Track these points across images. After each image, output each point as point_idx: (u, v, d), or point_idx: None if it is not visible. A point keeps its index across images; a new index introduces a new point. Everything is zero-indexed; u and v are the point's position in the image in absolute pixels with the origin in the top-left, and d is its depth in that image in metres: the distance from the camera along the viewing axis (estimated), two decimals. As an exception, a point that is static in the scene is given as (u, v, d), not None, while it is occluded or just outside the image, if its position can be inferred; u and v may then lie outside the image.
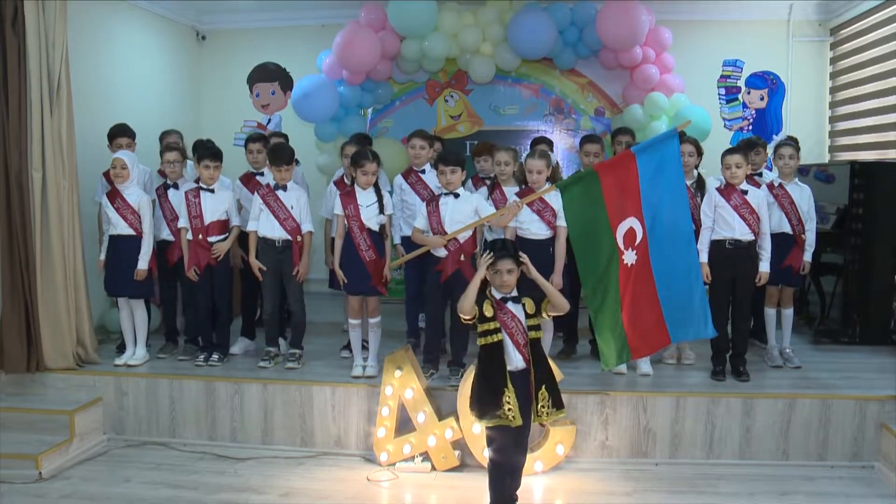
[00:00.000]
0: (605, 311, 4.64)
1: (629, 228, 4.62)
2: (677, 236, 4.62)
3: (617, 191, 4.61)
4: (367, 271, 5.18)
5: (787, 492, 4.45)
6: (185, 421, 5.24)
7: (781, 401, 4.86)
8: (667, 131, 4.78)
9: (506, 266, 3.82)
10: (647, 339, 4.70)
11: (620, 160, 4.72)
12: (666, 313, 4.62)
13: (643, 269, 4.61)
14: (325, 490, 4.49)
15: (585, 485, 4.54)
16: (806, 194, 5.55)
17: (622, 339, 4.65)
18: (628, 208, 4.62)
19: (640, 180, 4.57)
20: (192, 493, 4.45)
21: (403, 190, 5.78)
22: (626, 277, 4.60)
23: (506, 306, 3.84)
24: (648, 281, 4.62)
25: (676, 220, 4.61)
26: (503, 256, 3.82)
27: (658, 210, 4.60)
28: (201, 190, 5.50)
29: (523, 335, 3.83)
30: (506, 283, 3.83)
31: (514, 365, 3.82)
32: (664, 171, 4.58)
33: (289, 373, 5.36)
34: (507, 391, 3.74)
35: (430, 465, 4.76)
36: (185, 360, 5.64)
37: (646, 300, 4.63)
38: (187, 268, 5.48)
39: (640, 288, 4.62)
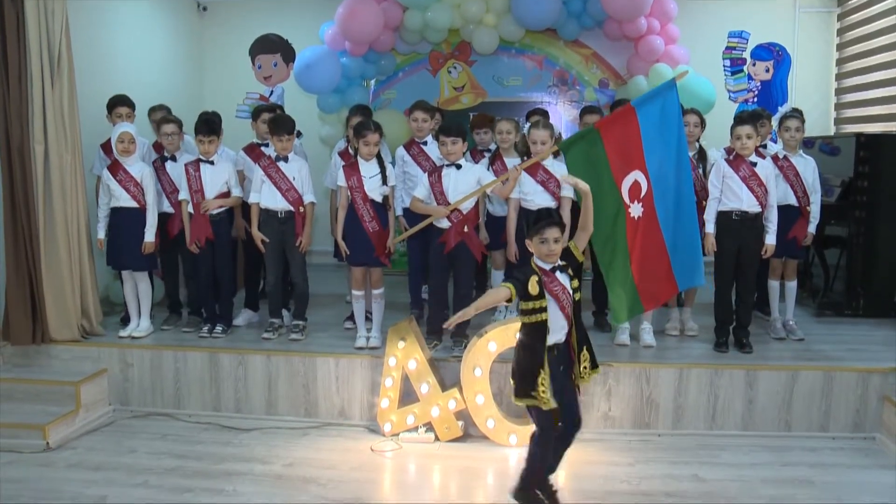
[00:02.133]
0: (615, 267, 4.66)
1: (634, 182, 4.61)
2: (680, 184, 4.63)
3: (619, 146, 4.61)
4: (370, 242, 5.17)
5: (788, 462, 4.47)
6: (189, 392, 5.26)
7: (784, 373, 4.86)
8: (665, 82, 4.74)
9: (553, 234, 3.65)
10: (658, 290, 4.73)
11: (621, 115, 4.72)
12: (673, 262, 4.65)
13: (650, 220, 4.63)
14: (329, 460, 4.52)
15: (588, 455, 4.56)
16: (811, 166, 5.52)
17: (633, 293, 4.67)
18: (632, 162, 4.61)
19: (642, 133, 4.57)
20: (197, 463, 4.48)
21: (405, 161, 5.75)
22: (633, 230, 4.62)
23: (556, 277, 3.70)
24: (655, 232, 4.63)
25: (678, 168, 4.62)
26: (550, 224, 3.65)
27: (661, 161, 4.61)
28: (201, 162, 5.48)
29: (571, 305, 3.72)
30: (553, 252, 3.67)
31: (557, 338, 3.72)
32: (664, 122, 4.59)
33: (292, 344, 5.37)
34: (543, 372, 3.64)
35: (434, 436, 4.79)
36: (189, 331, 5.65)
37: (654, 251, 4.65)
38: (189, 241, 5.48)
39: (648, 239, 4.64)
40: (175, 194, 5.61)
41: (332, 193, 6.09)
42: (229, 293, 5.69)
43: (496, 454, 4.59)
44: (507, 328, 4.60)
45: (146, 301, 5.62)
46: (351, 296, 5.52)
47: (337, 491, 4.12)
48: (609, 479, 4.25)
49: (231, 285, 5.70)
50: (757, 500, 4.00)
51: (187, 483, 4.21)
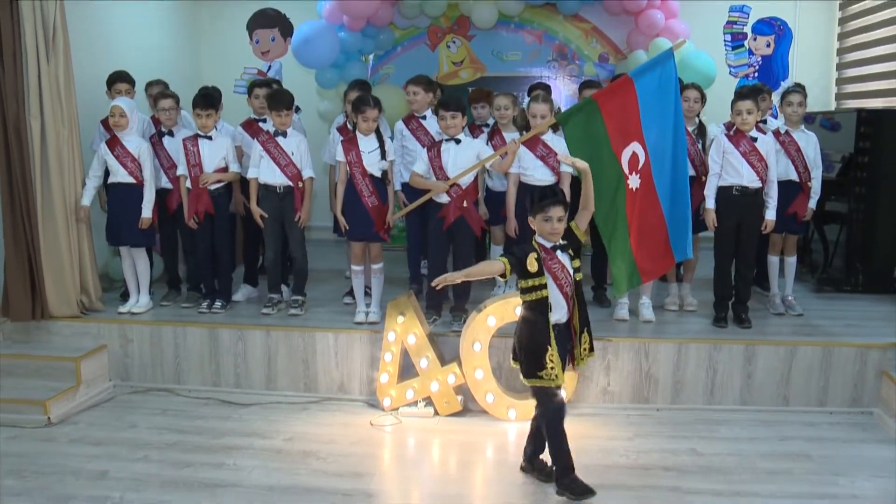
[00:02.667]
0: (616, 238, 4.66)
1: (632, 153, 4.61)
2: (676, 155, 4.62)
3: (618, 117, 4.60)
4: (369, 217, 5.16)
5: (786, 437, 4.49)
6: (189, 367, 5.27)
7: (783, 348, 4.87)
8: (663, 52, 4.72)
9: (557, 213, 3.61)
10: (656, 262, 4.75)
11: (619, 86, 4.70)
12: (671, 233, 4.66)
13: (648, 191, 4.63)
14: (328, 435, 4.54)
15: (587, 429, 4.57)
16: (812, 142, 5.49)
17: (632, 264, 4.68)
18: (630, 133, 4.61)
19: (640, 104, 4.56)
20: (198, 437, 4.50)
21: (404, 136, 5.72)
22: (632, 202, 4.62)
23: (556, 255, 3.68)
24: (654, 203, 4.64)
25: (675, 139, 4.61)
26: (555, 203, 3.61)
27: (658, 132, 4.60)
28: (199, 138, 5.45)
29: (571, 284, 3.70)
30: (556, 230, 3.64)
31: (558, 317, 3.71)
32: (662, 92, 4.57)
33: (292, 319, 5.37)
34: (551, 349, 3.63)
35: (433, 411, 4.80)
36: (188, 307, 5.65)
37: (653, 222, 4.66)
38: (187, 217, 5.46)
39: (646, 211, 4.64)
40: (173, 170, 5.59)
41: (330, 169, 6.07)
42: (228, 268, 5.68)
43: (495, 428, 4.61)
44: (506, 303, 4.60)
45: (145, 277, 5.62)
46: (350, 271, 5.52)
47: (336, 465, 4.14)
48: (608, 453, 4.27)
49: (230, 261, 5.69)
50: (755, 474, 4.02)
51: (188, 457, 4.23)
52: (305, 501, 3.75)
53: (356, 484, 3.92)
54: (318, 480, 3.96)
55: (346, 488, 3.86)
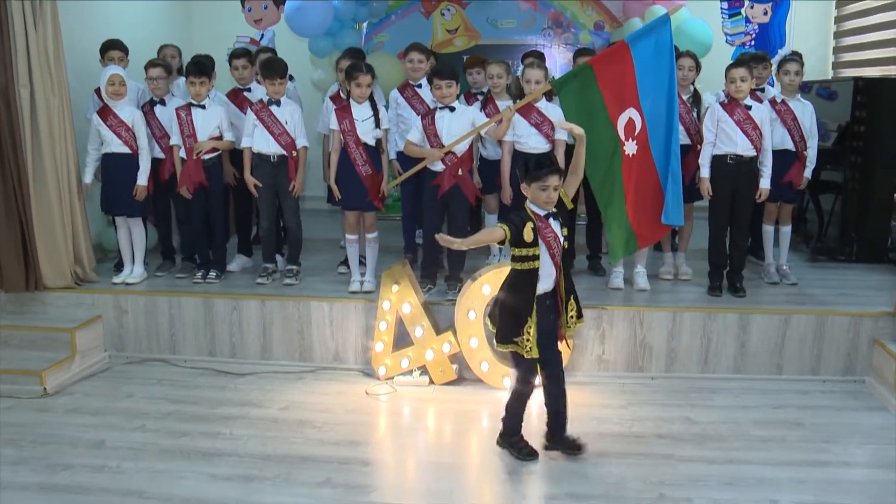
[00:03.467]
0: (612, 205, 4.66)
1: (629, 119, 4.60)
2: (670, 121, 4.61)
3: (614, 83, 4.58)
4: (363, 186, 5.14)
5: (779, 405, 4.52)
6: (184, 338, 5.27)
7: (777, 316, 4.89)
8: (659, 17, 4.69)
9: (554, 182, 3.58)
10: (653, 227, 4.76)
11: (615, 51, 4.67)
12: (666, 198, 4.65)
13: (644, 157, 4.62)
14: (324, 403, 4.55)
15: (581, 397, 4.59)
16: (808, 111, 5.46)
17: (628, 230, 4.69)
18: (626, 99, 4.59)
19: (636, 70, 4.54)
20: (194, 407, 4.51)
21: (399, 104, 5.68)
22: (628, 168, 4.61)
23: (549, 223, 3.66)
24: (650, 169, 4.64)
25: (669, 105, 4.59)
26: (552, 172, 3.58)
27: (654, 97, 4.59)
28: (192, 106, 5.40)
29: (560, 251, 3.69)
30: (552, 199, 3.61)
31: (545, 287, 3.70)
32: (657, 58, 4.55)
33: (287, 289, 5.37)
34: (530, 321, 3.63)
35: (428, 379, 4.82)
36: (183, 277, 5.64)
37: (649, 188, 4.65)
38: (179, 186, 5.42)
39: (642, 176, 4.63)
40: (165, 139, 5.54)
41: (324, 138, 6.04)
42: (223, 238, 5.66)
43: (490, 397, 4.63)
44: (500, 271, 4.57)
45: (140, 247, 5.60)
46: (344, 240, 5.51)
47: (332, 433, 4.16)
48: (602, 421, 4.30)
49: (224, 230, 5.67)
50: (748, 441, 4.05)
51: (184, 427, 4.24)
52: (301, 470, 3.77)
53: (352, 452, 3.95)
54: (313, 449, 3.98)
55: (341, 456, 3.89)
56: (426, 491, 3.62)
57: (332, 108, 5.40)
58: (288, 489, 3.60)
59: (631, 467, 3.77)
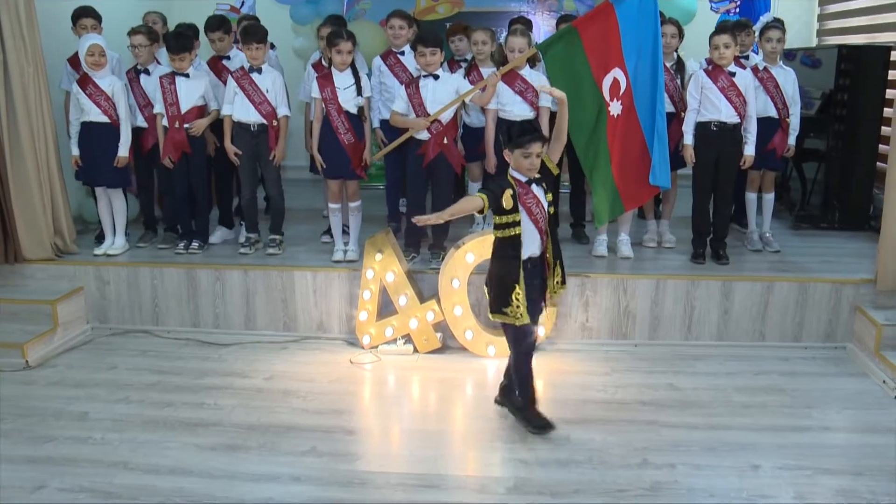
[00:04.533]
0: (598, 167, 4.66)
1: (613, 80, 4.59)
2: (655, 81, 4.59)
3: (598, 44, 4.56)
4: (346, 155, 5.10)
5: (761, 371, 4.56)
6: (167, 308, 5.24)
7: (759, 284, 4.92)
8: None
9: (537, 149, 3.57)
10: (639, 189, 4.75)
11: (599, 12, 4.64)
12: (653, 158, 4.64)
13: (629, 118, 4.61)
14: (308, 373, 4.55)
15: (565, 365, 4.62)
16: (791, 78, 5.46)
17: (614, 193, 4.69)
18: (611, 60, 4.58)
19: (621, 29, 4.52)
20: (178, 378, 4.50)
21: (382, 72, 5.62)
22: (613, 129, 4.60)
23: (531, 189, 3.64)
24: (636, 130, 4.63)
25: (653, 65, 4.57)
26: (536, 139, 3.56)
27: (638, 57, 4.57)
28: (176, 75, 5.32)
29: (545, 218, 3.68)
30: (535, 166, 3.60)
31: (531, 252, 3.69)
32: (642, 17, 4.53)
33: (270, 258, 5.34)
34: (518, 287, 3.63)
35: (413, 348, 4.83)
36: (165, 248, 5.58)
37: (635, 149, 4.65)
38: (162, 156, 5.36)
39: (627, 137, 4.62)
40: (149, 108, 5.46)
41: (306, 107, 5.98)
42: (205, 208, 5.60)
43: (474, 365, 4.65)
44: (483, 239, 4.58)
45: (121, 218, 5.52)
46: (327, 209, 5.48)
47: (317, 402, 4.17)
48: (585, 388, 4.32)
49: (207, 200, 5.61)
50: (730, 407, 4.09)
51: (168, 398, 4.23)
52: (286, 439, 3.77)
53: (337, 421, 3.95)
54: (298, 418, 3.98)
55: (326, 426, 3.89)
56: (411, 458, 3.64)
57: (313, 76, 5.34)
58: (273, 458, 3.60)
59: (614, 433, 3.80)
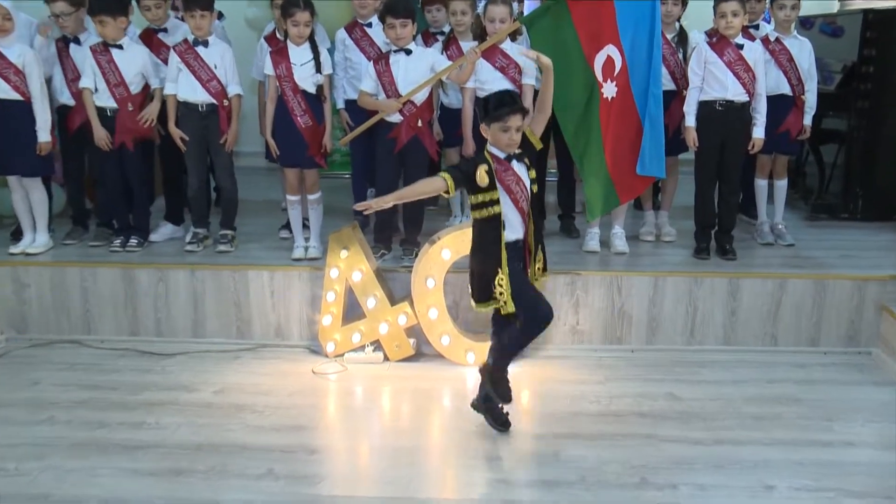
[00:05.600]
0: (589, 154, 4.70)
1: (607, 58, 4.63)
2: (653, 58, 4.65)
3: (590, 18, 4.60)
4: (303, 140, 5.14)
5: (774, 379, 4.63)
6: (100, 315, 5.25)
7: (771, 281, 5.00)
8: None
9: (517, 122, 3.63)
10: (635, 179, 4.81)
11: None
12: (643, 145, 4.71)
13: (625, 100, 4.66)
14: (264, 385, 4.58)
15: (554, 373, 4.70)
16: (806, 49, 5.53)
17: (607, 183, 4.73)
18: (604, 35, 4.63)
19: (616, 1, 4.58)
20: (113, 393, 4.49)
21: (347, 46, 5.68)
22: (607, 113, 4.65)
23: (511, 166, 3.71)
24: (631, 113, 4.67)
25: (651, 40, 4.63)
26: (515, 111, 3.62)
27: (635, 31, 4.62)
28: (109, 46, 5.30)
29: (527, 198, 3.74)
30: (514, 141, 3.67)
31: (512, 236, 3.76)
32: None
33: (220, 256, 5.37)
34: (501, 273, 3.71)
35: (383, 356, 4.88)
36: (98, 245, 5.57)
37: (630, 135, 4.70)
38: (116, 142, 5.32)
39: (623, 122, 4.67)
40: (76, 81, 5.41)
41: (259, 86, 6.02)
42: (145, 199, 5.63)
43: (452, 374, 4.70)
44: (461, 234, 4.63)
45: (41, 211, 5.49)
46: (286, 201, 5.54)
47: (275, 418, 4.19)
48: (577, 399, 4.38)
49: (147, 190, 5.64)
50: (739, 419, 4.14)
51: (101, 417, 4.20)
52: (239, 460, 3.78)
53: (297, 439, 3.98)
54: (253, 436, 4.00)
55: (285, 444, 3.92)
56: (381, 479, 3.67)
57: (267, 51, 5.39)
58: (223, 482, 3.61)
59: (609, 450, 3.85)
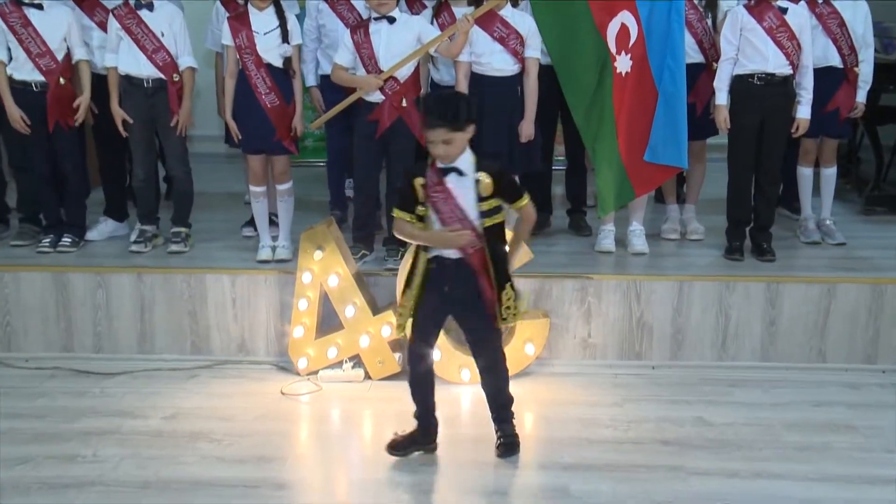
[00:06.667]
0: (602, 139, 4.70)
1: (621, 26, 4.64)
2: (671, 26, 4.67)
3: None
4: (269, 122, 5.14)
5: (822, 402, 4.61)
6: (25, 328, 5.23)
7: (817, 286, 4.98)
8: None
9: (441, 137, 3.60)
10: (654, 168, 4.81)
11: None
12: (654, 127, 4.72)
13: (641, 76, 4.67)
14: (225, 408, 4.56)
15: (562, 393, 4.69)
16: (862, 12, 5.50)
17: (620, 172, 4.73)
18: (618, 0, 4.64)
19: None
20: (39, 423, 4.43)
21: (320, 11, 5.69)
22: (620, 90, 4.66)
23: (443, 181, 3.67)
24: (649, 90, 4.68)
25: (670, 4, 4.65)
26: (440, 124, 3.58)
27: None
28: (24, 6, 5.23)
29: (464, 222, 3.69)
30: (440, 155, 3.65)
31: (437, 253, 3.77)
32: None
33: (172, 258, 5.37)
34: (409, 292, 3.75)
35: (363, 373, 4.88)
36: (23, 245, 5.57)
37: (648, 116, 4.71)
38: (50, 124, 5.31)
39: (639, 101, 4.69)
40: None
41: (217, 59, 6.00)
42: (79, 190, 5.62)
43: (443, 394, 4.58)
44: (455, 231, 4.65)
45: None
46: (249, 194, 5.52)
47: (236, 447, 4.17)
48: (589, 423, 4.37)
49: (80, 181, 5.61)
50: (780, 449, 4.12)
51: (23, 451, 4.12)
52: (194, 498, 3.75)
53: (263, 472, 3.97)
54: (210, 470, 3.99)
55: (249, 478, 3.90)
56: (361, 519, 3.67)
57: (224, 17, 5.38)
58: (175, 525, 3.60)
59: (627, 483, 3.84)
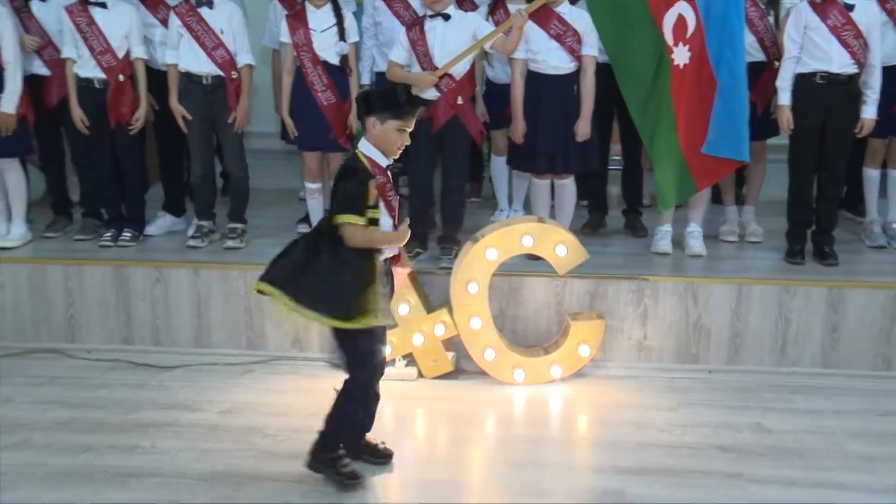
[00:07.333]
0: (659, 134, 4.66)
1: (678, 16, 4.60)
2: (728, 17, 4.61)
3: None
4: (325, 120, 5.17)
5: (888, 411, 4.53)
6: (87, 320, 5.29)
7: (883, 292, 4.91)
8: None
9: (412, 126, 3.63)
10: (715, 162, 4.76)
11: None
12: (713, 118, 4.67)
13: (700, 67, 4.62)
14: (279, 404, 4.59)
15: (616, 395, 4.65)
16: (937, 7, 5.41)
17: (681, 167, 4.69)
18: None
19: None
20: (100, 413, 4.49)
21: (377, 9, 5.70)
22: (679, 83, 4.62)
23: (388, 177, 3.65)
24: (708, 82, 4.63)
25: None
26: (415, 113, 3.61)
27: None
28: (88, 4, 5.27)
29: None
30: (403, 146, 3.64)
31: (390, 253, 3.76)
32: None
33: (229, 254, 5.42)
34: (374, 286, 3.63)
35: (417, 372, 4.87)
36: (85, 239, 5.63)
37: (707, 108, 4.66)
38: (111, 120, 5.37)
39: (697, 93, 4.64)
40: (48, 49, 5.45)
41: (273, 56, 6.03)
42: (139, 186, 5.67)
43: (497, 394, 4.68)
44: (509, 230, 4.64)
45: (18, 200, 5.56)
46: (304, 190, 5.54)
47: (290, 443, 4.18)
48: (644, 427, 4.34)
49: (140, 177, 5.67)
50: (843, 458, 4.07)
51: (87, 440, 4.20)
52: (248, 491, 3.78)
53: (315, 469, 3.97)
54: (265, 464, 4.01)
55: (302, 473, 3.90)
56: (413, 517, 3.65)
57: (282, 15, 5.41)
58: (229, 518, 3.61)
59: (683, 489, 3.81)
